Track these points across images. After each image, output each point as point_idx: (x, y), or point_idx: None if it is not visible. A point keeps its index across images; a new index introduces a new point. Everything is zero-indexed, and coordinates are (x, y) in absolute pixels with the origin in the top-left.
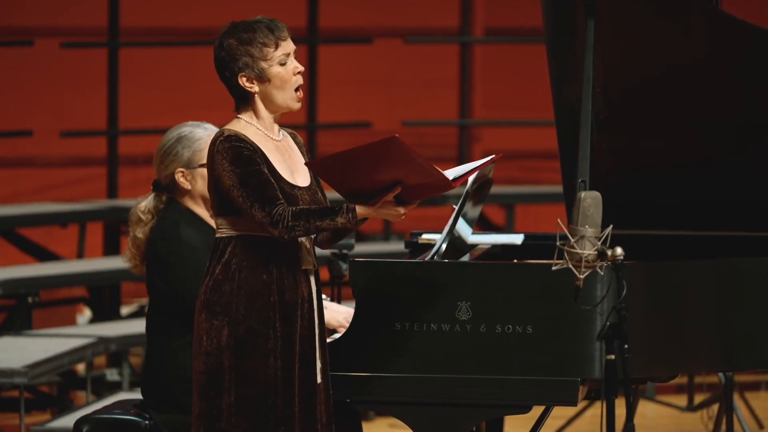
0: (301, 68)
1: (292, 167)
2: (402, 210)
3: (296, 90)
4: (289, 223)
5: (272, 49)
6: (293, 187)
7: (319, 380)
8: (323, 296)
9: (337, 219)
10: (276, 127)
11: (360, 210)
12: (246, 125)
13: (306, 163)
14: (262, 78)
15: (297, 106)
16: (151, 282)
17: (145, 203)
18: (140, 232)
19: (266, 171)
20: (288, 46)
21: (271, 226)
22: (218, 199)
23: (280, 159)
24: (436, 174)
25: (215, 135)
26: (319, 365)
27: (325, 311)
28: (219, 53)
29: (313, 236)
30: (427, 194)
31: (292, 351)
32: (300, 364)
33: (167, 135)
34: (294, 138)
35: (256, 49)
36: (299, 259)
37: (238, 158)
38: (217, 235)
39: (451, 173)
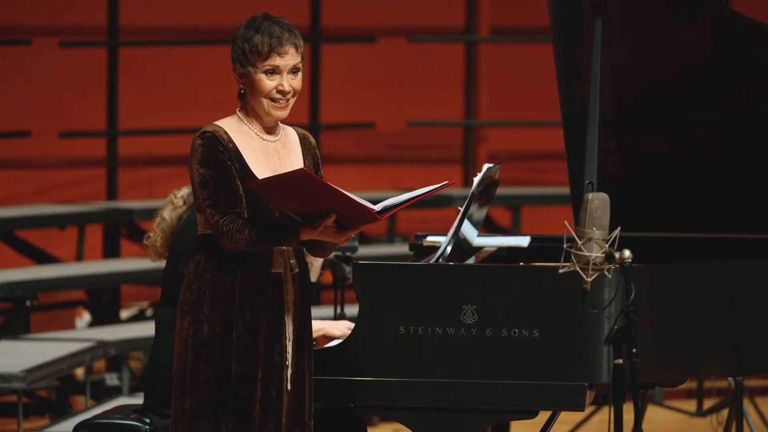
0: (287, 88)
1: (280, 170)
2: (342, 237)
3: (272, 99)
4: (234, 236)
5: (262, 57)
6: None
7: (288, 387)
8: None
9: (280, 239)
10: (273, 127)
11: (303, 232)
12: (237, 121)
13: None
14: (247, 79)
15: (276, 114)
16: (168, 271)
17: (181, 192)
18: (167, 213)
19: (233, 174)
20: (283, 61)
21: (217, 233)
22: (194, 195)
23: (262, 160)
24: (357, 205)
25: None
26: (290, 371)
27: (325, 323)
28: None
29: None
30: (360, 223)
31: (255, 354)
32: (264, 368)
33: None
34: (304, 140)
35: (249, 51)
36: (269, 262)
37: (206, 159)
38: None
39: (384, 204)
